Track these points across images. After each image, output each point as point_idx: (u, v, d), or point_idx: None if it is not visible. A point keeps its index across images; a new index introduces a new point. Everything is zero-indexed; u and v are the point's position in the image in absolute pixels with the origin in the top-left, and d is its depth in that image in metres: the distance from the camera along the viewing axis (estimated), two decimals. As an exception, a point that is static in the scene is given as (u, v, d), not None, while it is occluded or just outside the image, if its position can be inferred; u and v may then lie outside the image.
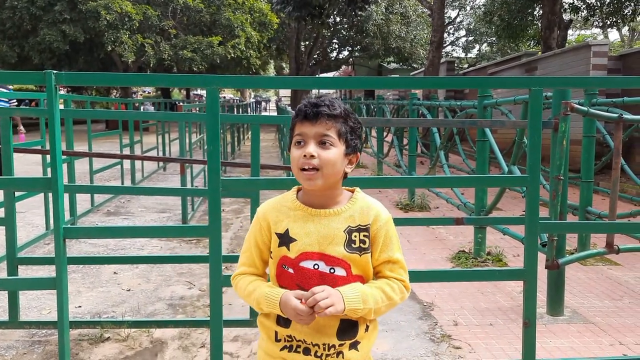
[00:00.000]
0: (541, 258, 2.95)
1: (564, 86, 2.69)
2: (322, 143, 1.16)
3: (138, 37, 17.12)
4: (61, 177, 1.80)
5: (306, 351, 1.20)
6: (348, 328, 1.21)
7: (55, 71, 1.79)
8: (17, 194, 3.26)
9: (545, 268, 2.86)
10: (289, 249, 1.20)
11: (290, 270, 1.20)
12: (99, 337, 2.73)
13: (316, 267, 1.19)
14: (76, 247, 4.41)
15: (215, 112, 1.84)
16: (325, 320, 1.18)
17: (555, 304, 3.14)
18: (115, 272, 3.80)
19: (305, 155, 1.15)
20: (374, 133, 10.20)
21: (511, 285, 3.56)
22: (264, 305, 1.20)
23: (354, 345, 1.22)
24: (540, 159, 1.99)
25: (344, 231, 1.19)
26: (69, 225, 1.90)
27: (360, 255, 1.21)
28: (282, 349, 1.23)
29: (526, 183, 1.99)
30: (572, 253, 3.61)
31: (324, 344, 1.19)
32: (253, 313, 2.81)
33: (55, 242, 1.84)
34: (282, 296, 1.16)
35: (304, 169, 1.16)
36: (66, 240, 1.88)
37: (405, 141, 8.81)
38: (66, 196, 5.25)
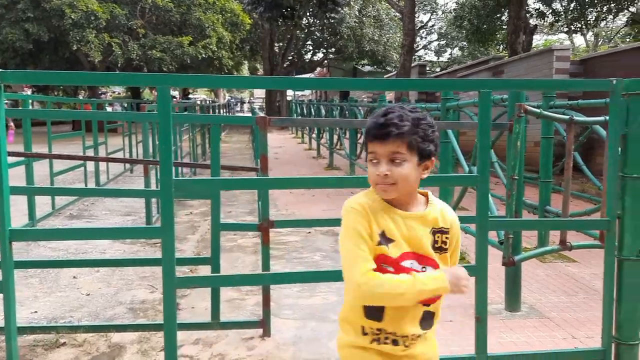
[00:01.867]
0: (499, 256, 3.04)
1: (510, 88, 2.77)
2: (393, 160, 1.22)
3: (105, 36, 16.75)
4: (6, 177, 1.75)
5: (395, 342, 1.28)
6: (428, 318, 1.31)
7: (0, 70, 1.74)
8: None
9: (502, 265, 2.94)
10: (388, 248, 1.24)
11: (391, 269, 1.23)
12: (54, 343, 2.66)
13: (412, 265, 1.25)
14: (36, 252, 4.27)
15: (166, 111, 1.82)
16: (411, 313, 1.27)
17: (513, 300, 3.23)
18: (74, 277, 3.71)
19: (378, 175, 1.22)
20: (347, 135, 10.26)
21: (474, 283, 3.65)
22: (432, 285, 1.21)
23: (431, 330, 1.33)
24: (489, 158, 2.05)
25: (429, 232, 1.28)
26: (14, 227, 1.84)
27: (441, 254, 1.30)
28: (371, 342, 1.28)
29: (477, 182, 2.05)
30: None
31: (412, 335, 1.28)
32: (214, 316, 2.79)
33: (0, 244, 1.79)
34: (448, 271, 1.24)
35: (377, 184, 1.24)
36: (27, 244, 1.82)
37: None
38: (24, 199, 5.09)
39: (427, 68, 19.20)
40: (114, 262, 3.35)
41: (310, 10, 15.75)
